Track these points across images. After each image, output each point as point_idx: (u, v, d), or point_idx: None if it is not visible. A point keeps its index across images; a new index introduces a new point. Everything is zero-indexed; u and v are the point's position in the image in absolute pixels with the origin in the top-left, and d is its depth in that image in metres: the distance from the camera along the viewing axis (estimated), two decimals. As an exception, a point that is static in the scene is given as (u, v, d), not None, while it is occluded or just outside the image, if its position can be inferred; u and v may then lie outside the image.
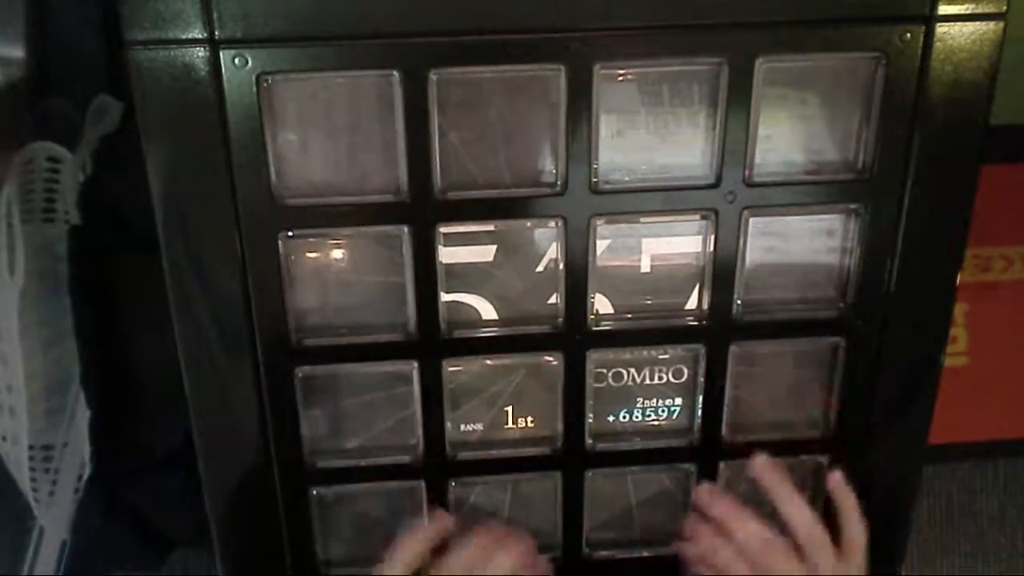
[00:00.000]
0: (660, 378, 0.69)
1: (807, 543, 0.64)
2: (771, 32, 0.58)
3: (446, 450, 0.68)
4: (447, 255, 0.63)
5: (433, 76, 0.57)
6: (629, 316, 0.66)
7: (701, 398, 0.68)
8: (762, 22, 0.58)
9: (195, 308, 0.61)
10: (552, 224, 0.62)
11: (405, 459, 0.68)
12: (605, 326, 0.65)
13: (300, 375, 0.64)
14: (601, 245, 0.64)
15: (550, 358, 0.66)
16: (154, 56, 0.55)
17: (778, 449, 0.71)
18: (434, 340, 0.64)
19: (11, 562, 0.82)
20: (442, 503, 0.70)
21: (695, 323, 0.66)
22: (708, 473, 0.71)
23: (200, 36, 0.55)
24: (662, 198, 0.62)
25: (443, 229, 0.61)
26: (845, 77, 0.61)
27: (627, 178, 0.62)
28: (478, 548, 0.64)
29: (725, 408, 0.68)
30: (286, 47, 0.56)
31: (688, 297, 0.66)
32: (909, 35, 0.59)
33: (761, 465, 0.66)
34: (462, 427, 0.69)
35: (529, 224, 0.63)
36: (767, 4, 0.58)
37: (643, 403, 0.70)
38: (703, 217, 0.63)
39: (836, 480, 0.67)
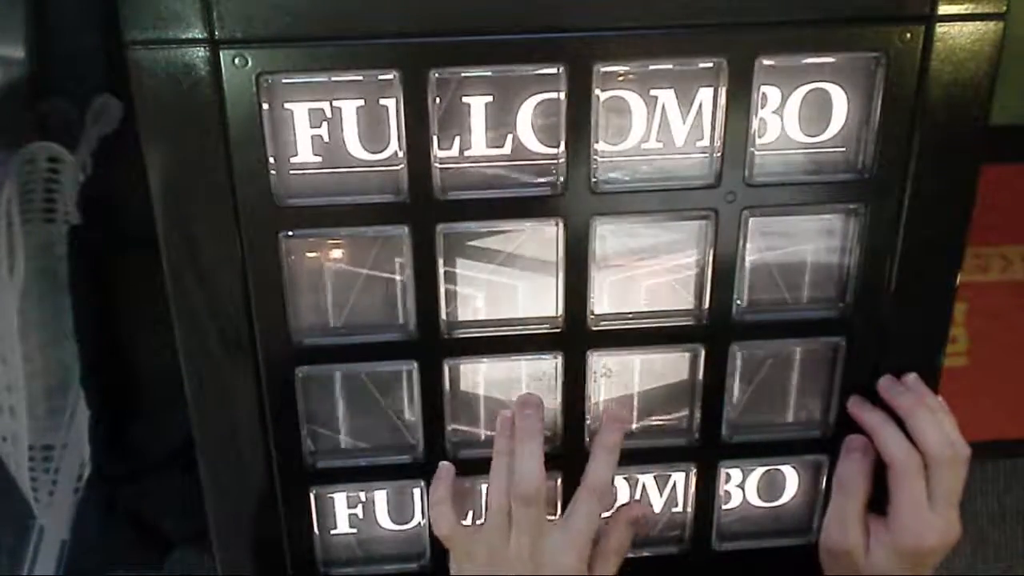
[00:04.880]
0: (660, 378, 0.69)
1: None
2: (771, 32, 0.58)
3: (446, 450, 0.68)
4: (447, 255, 0.63)
5: (433, 76, 0.57)
6: (629, 316, 0.66)
7: (701, 398, 0.68)
8: (762, 22, 0.58)
9: (195, 308, 0.61)
10: (552, 224, 0.62)
11: (405, 459, 0.68)
12: (605, 326, 0.65)
13: (300, 375, 0.64)
14: (601, 245, 0.64)
15: (550, 358, 0.66)
16: (154, 56, 0.55)
17: (778, 449, 0.71)
18: (434, 340, 0.64)
19: (11, 562, 0.82)
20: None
21: (695, 323, 0.66)
22: (708, 473, 0.71)
23: (200, 36, 0.55)
24: (662, 198, 0.62)
25: (443, 229, 0.61)
26: (845, 77, 0.61)
27: (627, 178, 0.62)
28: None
29: (725, 408, 0.68)
30: (286, 47, 0.56)
31: (688, 297, 0.66)
32: (909, 35, 0.59)
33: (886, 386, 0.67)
34: (462, 427, 0.69)
35: (529, 224, 0.63)
36: (767, 4, 0.58)
37: (643, 403, 0.70)
38: (703, 217, 0.63)
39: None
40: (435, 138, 0.59)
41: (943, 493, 0.64)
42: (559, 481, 0.70)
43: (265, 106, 0.57)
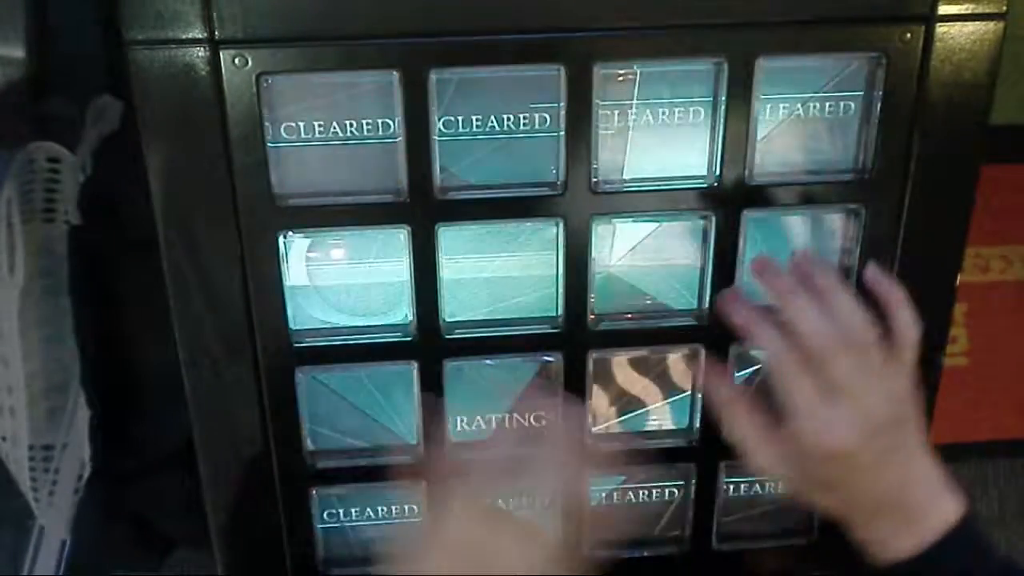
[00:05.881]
0: (660, 378, 0.69)
1: (851, 340, 0.56)
2: (771, 32, 0.58)
3: (446, 450, 0.68)
4: (447, 255, 0.63)
5: (433, 76, 0.57)
6: (629, 316, 0.66)
7: (701, 398, 0.68)
8: (762, 22, 0.58)
9: (195, 308, 0.61)
10: (552, 224, 0.62)
11: (405, 458, 0.68)
12: (605, 326, 0.65)
13: (300, 375, 0.64)
14: (601, 245, 0.64)
15: (550, 358, 0.66)
16: (154, 56, 0.55)
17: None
18: (434, 340, 0.64)
19: (11, 562, 0.82)
20: (442, 504, 0.70)
21: (695, 323, 0.66)
22: (708, 473, 0.71)
23: (200, 36, 0.55)
24: (662, 198, 0.62)
25: (443, 229, 0.61)
26: (845, 77, 0.61)
27: (627, 178, 0.62)
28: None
29: (725, 408, 0.68)
30: (286, 47, 0.56)
31: (688, 297, 0.66)
32: (909, 35, 0.59)
33: (762, 267, 0.59)
34: (462, 427, 0.69)
35: (529, 224, 0.63)
36: (767, 4, 0.58)
37: (643, 403, 0.70)
38: (703, 217, 0.63)
39: (872, 273, 0.60)
40: (435, 138, 0.59)
41: (842, 382, 0.56)
42: (559, 481, 0.70)
43: (265, 106, 0.57)
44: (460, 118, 0.59)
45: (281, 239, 0.60)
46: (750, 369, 0.69)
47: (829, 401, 0.56)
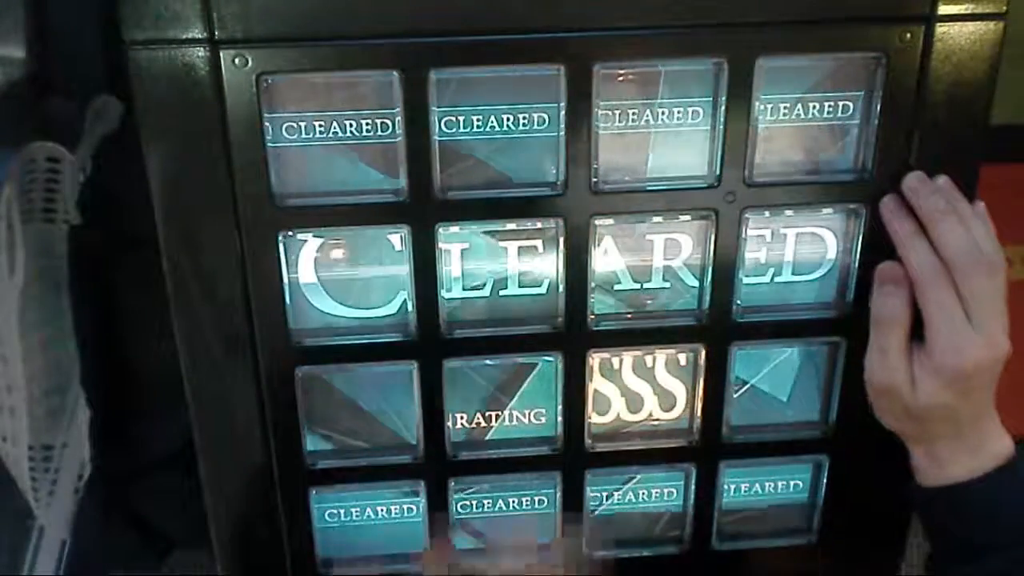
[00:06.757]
0: (660, 378, 0.69)
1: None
2: (771, 32, 0.58)
3: (446, 450, 0.68)
4: (447, 255, 0.63)
5: (433, 76, 0.57)
6: (629, 316, 0.66)
7: (701, 398, 0.68)
8: (762, 22, 0.58)
9: (195, 308, 0.61)
10: (552, 224, 0.62)
11: (405, 459, 0.68)
12: (605, 326, 0.65)
13: (300, 375, 0.64)
14: (601, 245, 0.64)
15: (550, 358, 0.66)
16: (154, 56, 0.55)
17: (778, 449, 0.71)
18: (434, 340, 0.64)
19: (11, 562, 0.82)
20: (442, 503, 0.70)
21: (695, 324, 0.66)
22: (708, 473, 0.71)
23: (200, 36, 0.55)
24: (662, 198, 0.62)
25: (443, 229, 0.61)
26: (845, 77, 0.61)
27: (627, 178, 0.62)
28: None
29: (725, 408, 0.68)
30: (286, 47, 0.56)
31: (688, 297, 0.66)
32: (909, 35, 0.59)
33: (918, 185, 0.61)
34: (462, 426, 0.69)
35: (529, 224, 0.63)
36: (767, 4, 0.58)
37: (643, 403, 0.70)
38: (703, 217, 0.63)
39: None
40: (435, 138, 0.59)
41: (977, 304, 0.59)
42: (560, 477, 0.70)
43: (265, 106, 0.57)
44: (460, 118, 0.60)
45: (281, 239, 0.60)
46: (749, 370, 0.69)
47: (968, 322, 0.59)
